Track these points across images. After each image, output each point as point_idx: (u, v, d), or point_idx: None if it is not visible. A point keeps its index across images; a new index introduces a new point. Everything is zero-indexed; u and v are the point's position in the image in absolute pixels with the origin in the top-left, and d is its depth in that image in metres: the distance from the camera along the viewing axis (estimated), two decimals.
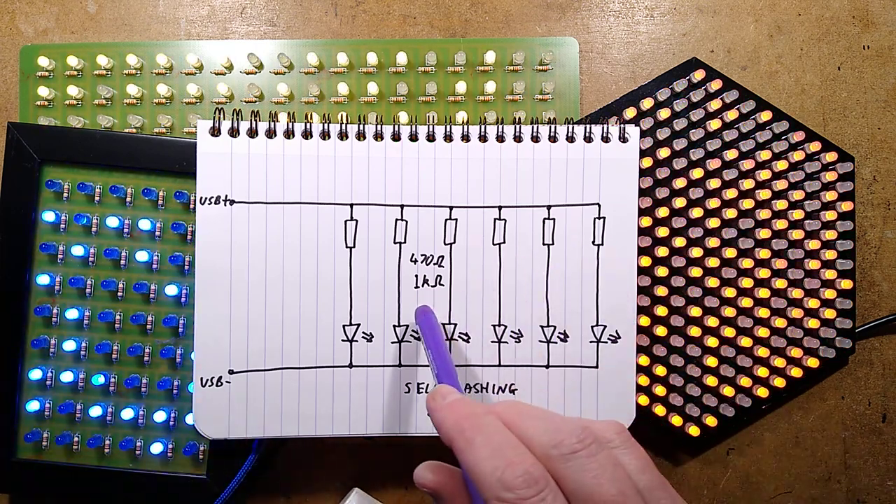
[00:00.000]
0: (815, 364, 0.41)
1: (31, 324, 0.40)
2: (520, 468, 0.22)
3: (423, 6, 0.44)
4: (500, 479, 0.22)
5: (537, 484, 0.22)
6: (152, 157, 0.40)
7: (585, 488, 0.22)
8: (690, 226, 0.41)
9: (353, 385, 0.38)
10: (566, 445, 0.23)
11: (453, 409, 0.26)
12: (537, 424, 0.24)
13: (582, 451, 0.23)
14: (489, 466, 0.22)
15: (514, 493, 0.21)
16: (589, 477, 0.22)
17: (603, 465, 0.22)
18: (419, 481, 0.26)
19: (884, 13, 0.44)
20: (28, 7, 0.43)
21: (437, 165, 0.38)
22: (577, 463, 0.22)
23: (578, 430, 0.23)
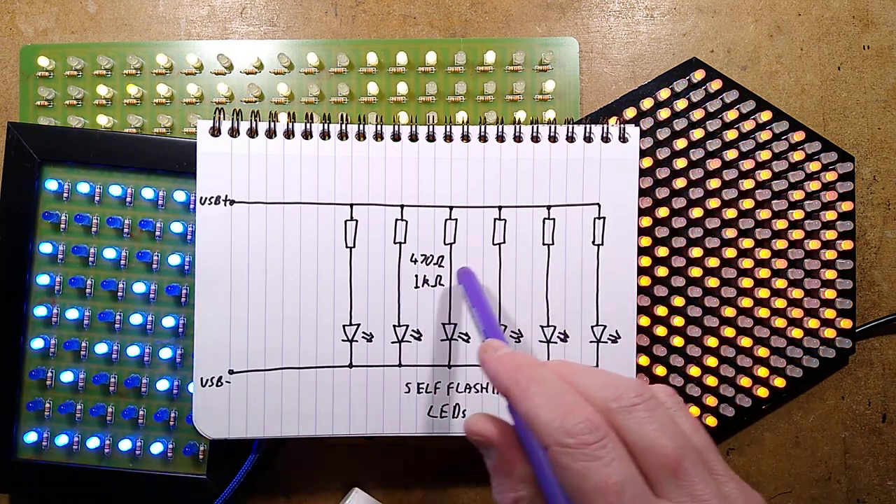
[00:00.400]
0: (815, 364, 0.41)
1: (31, 324, 0.40)
2: (580, 415, 0.22)
3: (423, 6, 0.44)
4: (562, 426, 0.22)
5: (599, 430, 0.22)
6: (152, 157, 0.40)
7: (645, 440, 0.22)
8: (690, 226, 0.41)
9: (353, 385, 0.38)
10: (626, 399, 0.23)
11: (506, 360, 0.26)
12: (593, 378, 0.24)
13: (641, 405, 0.22)
14: (548, 414, 0.22)
15: (577, 439, 0.21)
16: (650, 430, 0.22)
17: (662, 421, 0.22)
18: (471, 429, 0.26)
19: (884, 13, 0.44)
20: (28, 7, 0.43)
21: (437, 165, 0.38)
22: (637, 416, 0.22)
23: (637, 385, 0.23)
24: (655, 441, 0.22)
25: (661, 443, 0.22)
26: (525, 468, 0.24)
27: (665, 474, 0.21)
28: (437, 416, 0.38)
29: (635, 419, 0.22)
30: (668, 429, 0.22)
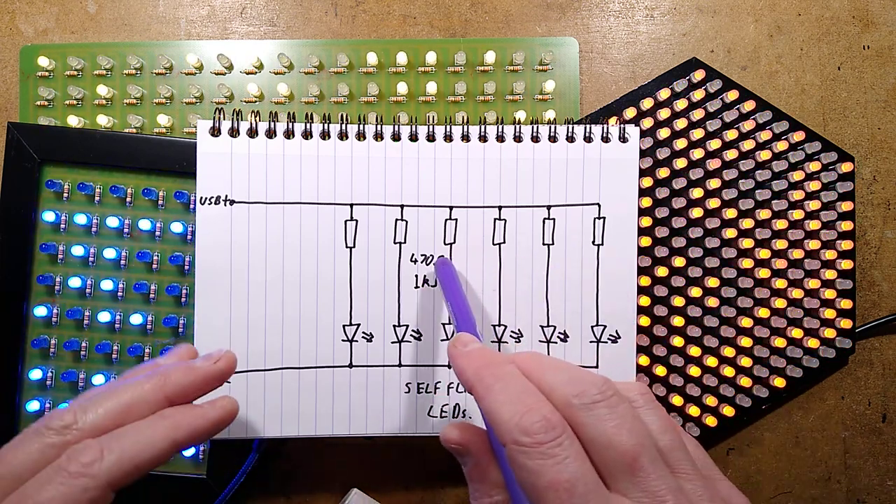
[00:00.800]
0: (815, 364, 0.41)
1: (31, 323, 0.40)
2: (538, 413, 0.22)
3: (423, 6, 0.44)
4: (518, 424, 0.22)
5: (555, 429, 0.22)
6: (152, 157, 0.40)
7: (604, 437, 0.22)
8: (690, 226, 0.41)
9: (353, 385, 0.38)
10: (587, 395, 0.23)
11: (473, 356, 0.26)
12: (558, 375, 0.24)
13: (602, 402, 0.23)
14: (508, 412, 0.23)
15: (532, 438, 0.22)
16: (609, 427, 0.22)
17: (623, 417, 0.23)
18: (446, 438, 0.26)
19: (884, 13, 0.44)
20: (28, 7, 0.43)
21: (437, 165, 0.38)
22: (597, 412, 0.23)
23: (600, 382, 0.23)
24: (613, 438, 0.22)
25: (619, 440, 0.22)
26: (499, 474, 0.25)
27: (621, 471, 0.22)
28: (437, 416, 0.38)
29: (595, 416, 0.23)
30: (628, 426, 0.22)
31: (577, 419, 0.23)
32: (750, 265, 0.41)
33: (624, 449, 0.22)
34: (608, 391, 0.23)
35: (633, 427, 0.22)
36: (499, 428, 0.23)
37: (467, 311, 0.32)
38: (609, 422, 0.22)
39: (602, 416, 0.22)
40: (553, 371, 0.24)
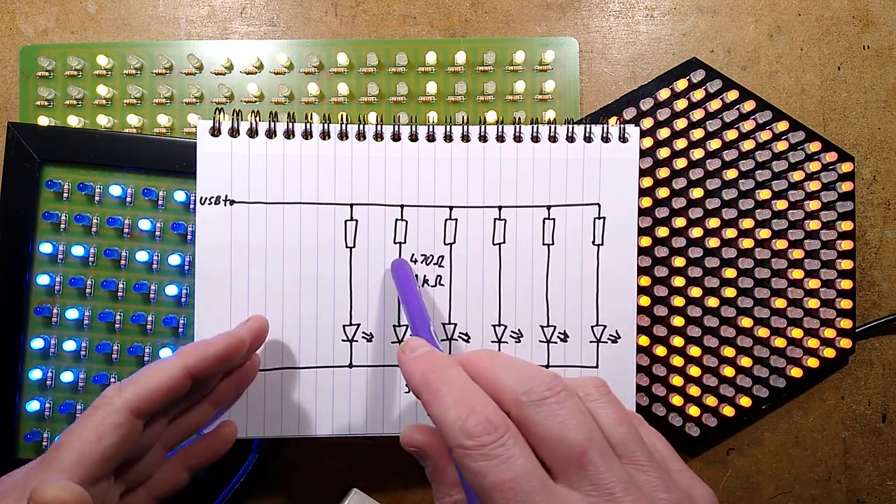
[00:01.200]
0: (815, 364, 0.41)
1: (31, 324, 0.40)
2: (480, 415, 0.22)
3: (423, 6, 0.44)
4: (462, 428, 0.22)
5: (497, 430, 0.22)
6: (152, 157, 0.40)
7: (552, 433, 0.22)
8: (690, 226, 0.41)
9: (353, 385, 0.38)
10: (536, 392, 0.23)
11: (421, 361, 0.26)
12: (509, 372, 0.24)
13: (551, 398, 0.23)
14: (452, 416, 0.23)
15: (475, 440, 0.22)
16: (556, 422, 0.22)
17: (571, 412, 0.23)
18: (405, 441, 0.27)
19: (884, 13, 0.44)
20: (28, 7, 0.43)
21: (437, 165, 0.38)
22: (546, 409, 0.23)
23: (549, 379, 0.23)
24: (562, 433, 0.22)
25: (568, 435, 0.22)
26: (457, 474, 0.25)
27: (570, 465, 0.22)
28: None
29: (544, 412, 0.23)
30: (576, 420, 0.23)
31: (527, 417, 0.23)
32: (750, 265, 0.41)
33: (572, 443, 0.22)
34: (556, 387, 0.23)
35: (581, 421, 0.23)
36: (444, 432, 0.23)
37: (422, 312, 0.32)
38: (557, 417, 0.22)
39: (550, 412, 0.23)
40: (503, 369, 0.24)
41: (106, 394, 0.29)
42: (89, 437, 0.28)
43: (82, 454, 0.27)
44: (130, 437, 0.29)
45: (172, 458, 0.33)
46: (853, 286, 0.41)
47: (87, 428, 0.28)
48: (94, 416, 0.28)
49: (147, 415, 0.29)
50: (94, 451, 0.27)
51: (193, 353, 0.31)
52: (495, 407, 0.23)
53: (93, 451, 0.27)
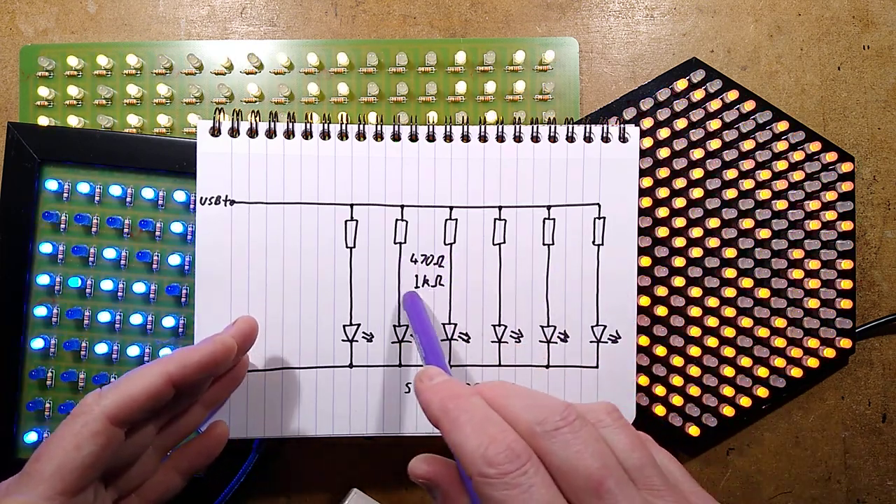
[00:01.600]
0: (815, 364, 0.41)
1: (31, 324, 0.40)
2: (502, 444, 0.22)
3: (423, 6, 0.44)
4: (483, 455, 0.22)
5: (519, 459, 0.22)
6: (152, 157, 0.40)
7: (568, 463, 0.22)
8: (690, 226, 0.41)
9: (354, 385, 0.38)
10: (550, 422, 0.23)
11: (439, 389, 0.26)
12: (522, 402, 0.24)
13: (565, 428, 0.23)
14: (473, 444, 0.23)
15: (497, 469, 0.22)
16: (572, 452, 0.22)
17: (586, 441, 0.23)
18: (414, 472, 0.26)
19: (884, 13, 0.44)
20: (28, 7, 0.43)
21: (437, 165, 0.38)
22: (560, 439, 0.23)
23: (562, 408, 0.23)
24: (578, 463, 0.22)
25: (584, 464, 0.22)
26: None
27: (588, 495, 0.22)
28: None
29: (559, 442, 0.23)
30: (592, 449, 0.22)
31: (542, 447, 0.23)
32: (750, 265, 0.41)
33: (589, 473, 0.22)
34: (570, 416, 0.23)
35: (597, 450, 0.22)
36: (464, 460, 0.23)
37: (435, 343, 0.31)
38: (572, 447, 0.22)
39: (565, 441, 0.22)
40: (516, 398, 0.24)
41: (85, 401, 0.28)
42: (68, 447, 0.27)
43: (61, 464, 0.27)
44: (110, 446, 0.28)
45: (164, 462, 0.33)
46: (853, 286, 0.41)
47: (65, 437, 0.27)
48: (73, 424, 0.28)
49: (127, 423, 0.29)
50: (74, 461, 0.27)
51: (175, 361, 0.30)
52: (516, 436, 0.23)
53: (72, 460, 0.27)
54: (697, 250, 0.41)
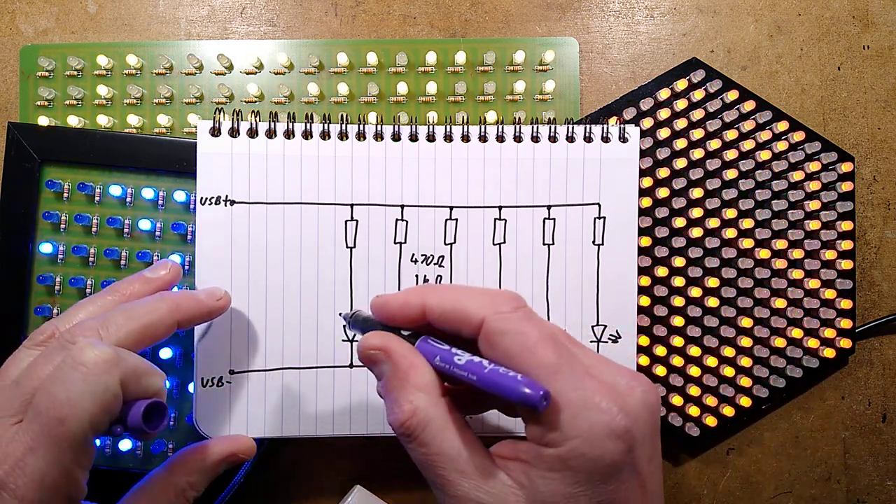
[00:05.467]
0: (815, 364, 0.41)
1: (31, 324, 0.40)
2: (505, 293, 0.27)
3: (423, 6, 0.44)
4: (493, 301, 0.26)
5: (522, 301, 0.27)
6: (152, 157, 0.40)
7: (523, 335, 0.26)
8: (690, 226, 0.41)
9: (354, 385, 0.38)
10: (506, 306, 0.27)
11: (407, 290, 0.29)
12: (475, 295, 0.27)
13: (518, 312, 0.26)
14: (477, 299, 0.27)
15: (512, 305, 0.26)
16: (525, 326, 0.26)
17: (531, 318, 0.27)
18: (368, 342, 0.28)
19: (884, 13, 0.44)
20: (28, 7, 0.43)
21: (438, 165, 0.38)
22: (515, 316, 0.26)
23: (513, 299, 0.27)
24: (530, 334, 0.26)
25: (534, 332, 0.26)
26: (421, 376, 0.26)
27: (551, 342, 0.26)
28: None
29: (514, 319, 0.26)
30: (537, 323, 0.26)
31: (498, 328, 0.26)
32: (750, 265, 0.41)
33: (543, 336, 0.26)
34: (518, 302, 0.27)
35: (541, 323, 0.26)
36: (471, 313, 0.26)
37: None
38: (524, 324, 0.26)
39: (518, 319, 0.26)
40: (469, 294, 0.28)
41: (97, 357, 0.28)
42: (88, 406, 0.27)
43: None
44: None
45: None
46: (853, 286, 0.41)
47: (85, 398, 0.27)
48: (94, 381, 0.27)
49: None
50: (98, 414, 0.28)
51: (184, 312, 0.33)
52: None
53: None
54: (697, 250, 0.41)
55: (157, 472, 0.34)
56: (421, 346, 0.27)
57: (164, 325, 0.32)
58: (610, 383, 0.25)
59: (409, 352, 0.27)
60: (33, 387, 0.28)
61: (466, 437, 0.25)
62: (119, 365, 0.28)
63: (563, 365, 0.24)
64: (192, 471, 0.34)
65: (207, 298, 0.35)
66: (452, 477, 0.25)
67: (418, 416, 0.25)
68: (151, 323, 0.31)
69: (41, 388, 0.27)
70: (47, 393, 0.27)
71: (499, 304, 0.26)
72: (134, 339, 0.31)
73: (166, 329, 0.32)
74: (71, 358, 0.27)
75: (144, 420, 0.29)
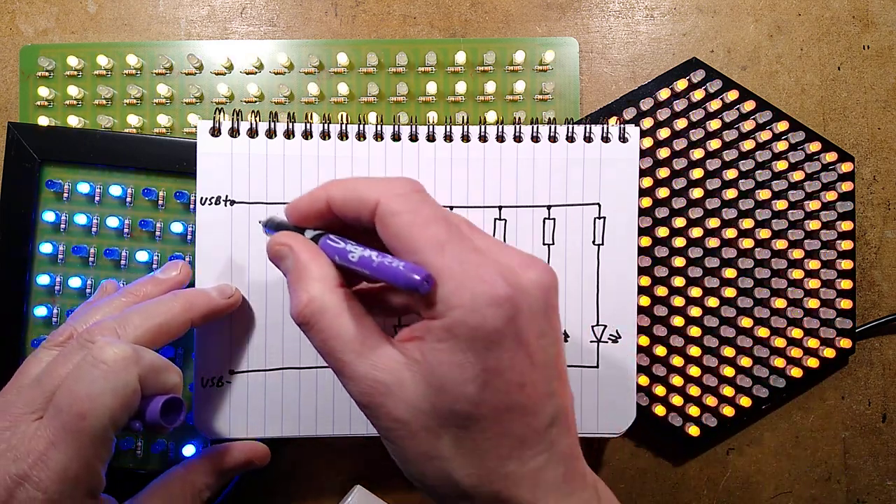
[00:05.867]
0: (815, 364, 0.41)
1: (31, 324, 0.40)
2: (401, 179, 0.28)
3: (423, 6, 0.44)
4: (389, 186, 0.27)
5: (419, 185, 0.28)
6: (152, 157, 0.40)
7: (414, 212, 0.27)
8: (690, 226, 0.41)
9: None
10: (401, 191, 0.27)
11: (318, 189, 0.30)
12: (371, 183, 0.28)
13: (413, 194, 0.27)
14: (373, 185, 0.27)
15: (408, 188, 0.27)
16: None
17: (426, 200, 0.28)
18: (275, 240, 0.30)
19: (884, 13, 0.44)
20: (28, 7, 0.43)
21: (437, 165, 0.38)
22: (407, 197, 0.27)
23: (408, 183, 0.28)
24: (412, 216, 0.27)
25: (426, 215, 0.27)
26: (318, 269, 0.28)
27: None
28: None
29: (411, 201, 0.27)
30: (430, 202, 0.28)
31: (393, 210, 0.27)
32: (750, 265, 0.41)
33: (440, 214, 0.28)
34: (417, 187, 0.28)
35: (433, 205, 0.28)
36: (367, 197, 0.27)
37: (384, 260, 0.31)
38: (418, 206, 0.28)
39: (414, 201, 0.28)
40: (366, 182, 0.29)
41: (117, 354, 0.29)
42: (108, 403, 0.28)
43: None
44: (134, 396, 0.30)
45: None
46: (853, 286, 0.41)
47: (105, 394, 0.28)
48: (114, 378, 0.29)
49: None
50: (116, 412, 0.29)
51: (198, 308, 0.34)
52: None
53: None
54: (697, 250, 0.41)
55: (176, 470, 0.35)
56: (322, 244, 0.29)
57: (178, 323, 0.33)
58: (503, 262, 0.26)
59: (309, 248, 0.29)
60: (54, 384, 0.29)
61: (363, 323, 0.27)
62: (137, 362, 0.29)
63: (451, 241, 0.25)
64: (210, 473, 0.36)
65: (219, 296, 0.35)
66: (349, 358, 0.26)
67: (313, 305, 0.27)
68: (167, 321, 0.32)
69: (62, 385, 0.28)
70: (68, 390, 0.28)
71: (394, 188, 0.27)
72: (150, 337, 0.32)
73: (180, 327, 0.33)
74: (91, 356, 0.28)
75: (162, 415, 0.30)
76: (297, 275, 0.28)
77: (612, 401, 0.39)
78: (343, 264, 0.28)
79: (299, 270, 0.28)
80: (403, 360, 0.26)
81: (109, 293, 0.37)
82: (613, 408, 0.38)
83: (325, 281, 0.28)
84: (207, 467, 0.36)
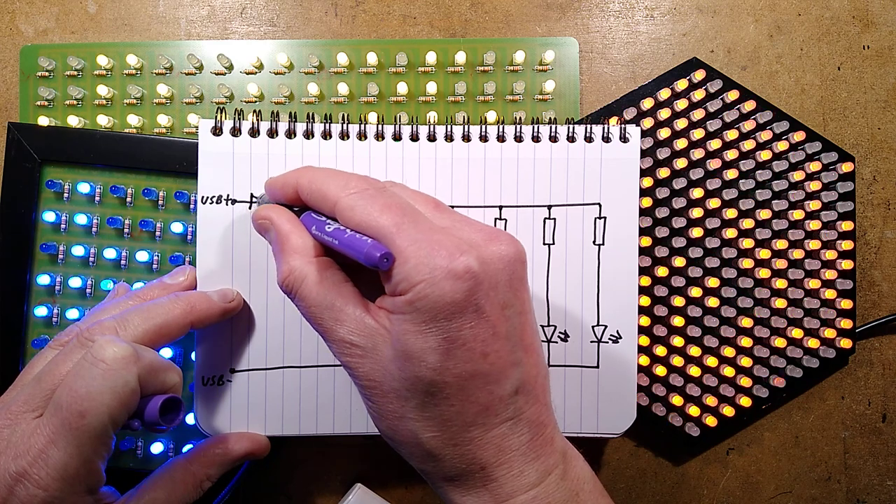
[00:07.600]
0: (815, 364, 0.41)
1: (31, 324, 0.40)
2: (356, 178, 0.30)
3: (423, 6, 0.44)
4: (347, 183, 0.29)
5: (369, 181, 0.30)
6: (152, 157, 0.40)
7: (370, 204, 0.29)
8: (690, 226, 0.41)
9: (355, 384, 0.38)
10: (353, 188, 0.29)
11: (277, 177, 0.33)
12: (332, 178, 0.30)
13: (368, 190, 0.29)
14: (334, 181, 0.30)
15: (361, 185, 0.29)
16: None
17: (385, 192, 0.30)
18: (259, 213, 0.32)
19: (884, 13, 0.44)
20: (28, 7, 0.43)
21: (438, 165, 0.38)
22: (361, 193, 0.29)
23: (364, 180, 0.30)
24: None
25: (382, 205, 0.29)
26: (297, 240, 0.30)
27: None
28: None
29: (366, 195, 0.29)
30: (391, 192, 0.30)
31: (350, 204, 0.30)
32: (750, 265, 0.41)
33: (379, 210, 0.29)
34: (372, 182, 0.30)
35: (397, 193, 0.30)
36: (328, 193, 0.29)
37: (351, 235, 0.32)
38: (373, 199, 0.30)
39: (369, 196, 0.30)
40: (328, 177, 0.31)
41: (117, 354, 0.29)
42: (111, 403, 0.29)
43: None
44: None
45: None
46: (853, 286, 0.41)
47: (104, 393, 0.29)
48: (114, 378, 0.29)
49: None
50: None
51: (198, 312, 0.34)
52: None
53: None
54: (697, 250, 0.41)
55: (177, 460, 0.35)
56: (303, 218, 0.31)
57: (178, 325, 0.33)
58: (465, 238, 0.27)
59: (289, 221, 0.31)
60: (54, 383, 0.29)
61: (342, 291, 0.29)
62: (137, 361, 0.29)
63: (405, 223, 0.27)
64: (212, 463, 0.36)
65: (220, 300, 0.36)
66: (330, 325, 0.29)
67: (294, 274, 0.29)
68: (166, 322, 0.33)
69: (62, 383, 0.29)
70: (68, 388, 0.28)
71: (351, 185, 0.29)
72: (150, 338, 0.32)
73: (180, 329, 0.33)
74: (91, 355, 0.29)
75: (161, 414, 0.30)
76: (280, 246, 0.31)
77: (613, 401, 0.39)
78: (317, 236, 0.30)
79: (281, 242, 0.31)
80: (376, 326, 0.28)
81: (121, 295, 0.37)
82: (614, 408, 0.38)
83: (304, 251, 0.30)
84: (209, 458, 0.36)
